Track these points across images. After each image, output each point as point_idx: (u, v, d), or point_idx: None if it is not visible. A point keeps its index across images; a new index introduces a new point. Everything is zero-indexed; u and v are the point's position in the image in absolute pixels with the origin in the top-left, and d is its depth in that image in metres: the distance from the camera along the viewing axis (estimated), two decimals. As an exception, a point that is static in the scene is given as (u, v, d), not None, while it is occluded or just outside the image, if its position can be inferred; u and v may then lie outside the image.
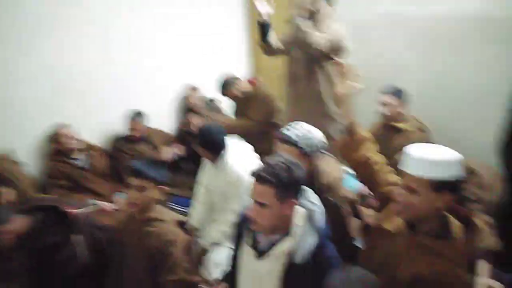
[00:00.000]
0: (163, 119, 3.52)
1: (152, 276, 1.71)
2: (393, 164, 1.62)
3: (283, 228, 1.34)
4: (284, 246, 1.33)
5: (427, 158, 1.27)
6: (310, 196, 1.44)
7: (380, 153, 1.69)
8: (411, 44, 3.23)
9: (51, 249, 1.80)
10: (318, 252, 1.32)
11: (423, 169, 1.27)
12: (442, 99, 3.08)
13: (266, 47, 2.76)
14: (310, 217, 1.37)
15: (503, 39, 2.67)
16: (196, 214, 2.44)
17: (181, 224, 1.84)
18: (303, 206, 1.39)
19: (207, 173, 2.40)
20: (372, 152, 1.66)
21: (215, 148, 2.23)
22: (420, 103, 2.85)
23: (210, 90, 3.53)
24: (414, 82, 3.04)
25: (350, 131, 1.67)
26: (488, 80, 2.75)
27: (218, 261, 2.17)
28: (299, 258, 1.31)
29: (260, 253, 1.37)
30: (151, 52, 3.40)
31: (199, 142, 2.28)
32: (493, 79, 2.71)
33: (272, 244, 1.35)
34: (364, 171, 1.65)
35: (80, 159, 2.87)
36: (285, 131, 1.70)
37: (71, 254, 1.80)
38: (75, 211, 1.89)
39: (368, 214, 2.04)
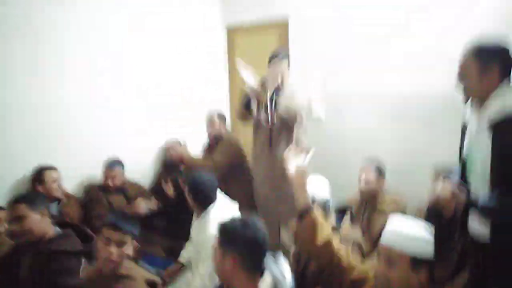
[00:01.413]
0: (140, 170, 3.50)
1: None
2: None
3: None
4: None
5: (411, 234, 1.31)
6: (284, 267, 1.47)
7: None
8: (383, 119, 3.45)
9: (67, 256, 1.88)
10: None
11: (406, 245, 1.30)
12: (415, 170, 3.22)
13: (244, 115, 3.01)
14: (276, 287, 1.39)
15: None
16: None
17: (150, 283, 1.79)
18: (271, 273, 1.42)
19: (194, 224, 2.40)
20: (332, 237, 1.51)
21: (203, 200, 2.24)
22: (395, 174, 2.99)
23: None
24: (388, 154, 3.21)
25: (303, 215, 1.52)
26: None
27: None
28: None
29: None
30: (133, 100, 3.46)
31: (189, 190, 2.29)
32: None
33: None
34: (331, 259, 1.48)
35: (52, 206, 2.77)
36: None
37: (77, 269, 1.87)
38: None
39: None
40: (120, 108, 3.36)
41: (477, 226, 1.59)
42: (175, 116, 3.82)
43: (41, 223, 1.92)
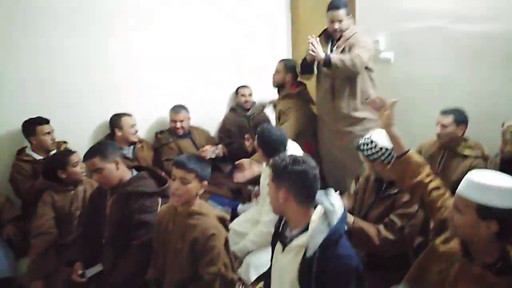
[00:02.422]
0: (204, 118, 3.60)
1: (193, 266, 1.79)
2: (451, 187, 1.62)
3: (301, 222, 1.49)
4: (299, 240, 1.47)
5: (479, 181, 1.26)
6: (333, 198, 1.53)
7: (436, 174, 1.68)
8: (458, 60, 3.18)
9: (143, 196, 2.05)
10: (328, 249, 1.40)
11: (470, 191, 1.27)
12: (491, 115, 2.99)
13: (306, 77, 3.12)
14: (325, 215, 1.46)
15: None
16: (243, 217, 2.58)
17: (222, 220, 1.90)
18: (322, 205, 1.49)
19: (263, 173, 2.48)
20: (430, 177, 1.63)
21: (272, 152, 2.27)
22: (471, 118, 2.79)
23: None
24: (461, 98, 3.00)
25: (405, 159, 1.66)
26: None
27: (258, 264, 2.27)
28: (309, 252, 1.41)
29: (284, 247, 1.53)
30: (199, 53, 3.50)
31: (258, 142, 2.36)
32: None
33: (293, 237, 1.50)
34: (422, 197, 1.63)
35: (128, 150, 3.01)
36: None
37: (154, 208, 2.04)
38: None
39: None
40: (186, 60, 3.42)
41: None
42: (236, 76, 3.79)
43: (117, 170, 2.09)
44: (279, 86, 3.34)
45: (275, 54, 3.92)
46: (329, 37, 3.04)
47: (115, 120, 2.96)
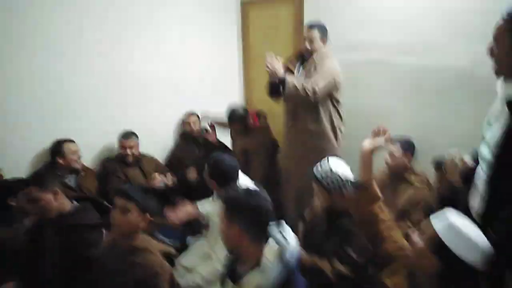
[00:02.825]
0: (155, 145, 3.54)
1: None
2: (397, 213, 1.64)
3: (252, 258, 1.46)
4: (253, 278, 1.43)
5: (453, 221, 1.28)
6: (285, 231, 1.49)
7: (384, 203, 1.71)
8: (398, 91, 3.36)
9: (85, 229, 1.95)
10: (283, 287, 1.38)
11: (439, 224, 1.30)
12: (431, 144, 3.16)
13: (275, 98, 2.98)
14: (280, 252, 1.43)
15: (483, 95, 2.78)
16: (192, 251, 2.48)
17: (166, 256, 1.85)
18: (274, 239, 1.46)
19: (212, 205, 2.40)
20: (381, 210, 1.65)
21: (226, 182, 2.22)
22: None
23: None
24: (401, 128, 3.13)
25: (364, 187, 1.65)
26: (469, 132, 2.84)
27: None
28: None
29: (234, 281, 1.49)
30: (148, 77, 3.46)
31: (211, 173, 2.28)
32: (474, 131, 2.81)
33: (244, 274, 1.46)
34: (370, 227, 1.64)
35: (70, 178, 2.86)
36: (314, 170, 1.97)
37: (98, 241, 1.95)
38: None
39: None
40: (135, 83, 3.37)
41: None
42: (189, 91, 3.82)
43: (55, 201, 1.97)
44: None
45: (227, 81, 3.99)
46: (301, 57, 3.02)
47: (57, 147, 2.81)
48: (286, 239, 1.46)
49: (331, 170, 1.93)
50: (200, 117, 3.68)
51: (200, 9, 3.85)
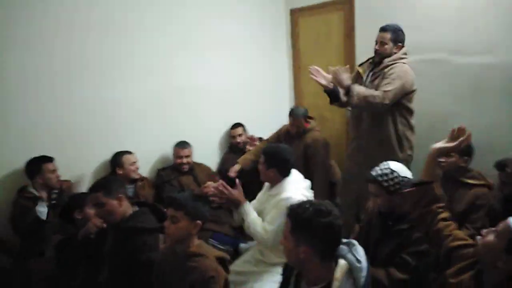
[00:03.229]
0: (206, 154, 3.62)
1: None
2: (457, 216, 1.59)
3: (320, 278, 1.37)
4: None
5: None
6: (359, 253, 1.41)
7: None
8: (458, 92, 3.22)
9: (144, 232, 2.01)
10: None
11: None
12: (492, 147, 2.98)
13: (339, 105, 2.86)
14: (350, 273, 1.35)
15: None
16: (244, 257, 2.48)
17: (222, 261, 1.85)
18: (346, 259, 1.38)
19: (262, 195, 2.40)
20: (441, 209, 1.61)
21: (285, 169, 2.24)
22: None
23: (254, 129, 3.71)
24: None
25: (424, 187, 1.62)
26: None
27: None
28: None
29: None
30: (199, 88, 3.56)
31: (270, 162, 2.26)
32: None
33: None
34: (429, 225, 1.59)
35: (129, 189, 2.98)
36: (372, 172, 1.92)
37: (155, 244, 2.01)
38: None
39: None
40: (187, 95, 3.48)
41: None
42: (238, 101, 3.88)
43: (119, 206, 2.05)
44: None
45: (277, 90, 4.01)
46: (374, 61, 2.89)
47: (116, 158, 2.97)
48: (358, 259, 1.38)
49: (391, 170, 1.88)
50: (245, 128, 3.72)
51: (249, 18, 3.93)
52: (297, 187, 2.26)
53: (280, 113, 3.93)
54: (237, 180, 2.33)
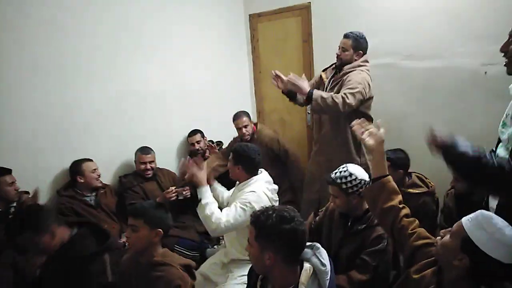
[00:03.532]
0: (167, 161, 3.58)
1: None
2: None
3: (285, 283, 1.41)
4: None
5: (480, 219, 1.28)
6: (322, 255, 1.45)
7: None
8: (410, 94, 3.39)
9: (85, 260, 1.86)
10: None
11: (467, 222, 1.30)
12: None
13: (298, 104, 3.02)
14: (315, 275, 1.39)
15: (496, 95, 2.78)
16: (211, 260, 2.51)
17: (187, 268, 1.85)
18: (311, 263, 1.42)
19: (233, 193, 2.45)
20: (401, 205, 1.63)
21: (251, 166, 2.32)
22: (426, 150, 2.91)
23: (215, 134, 3.75)
24: (415, 130, 3.16)
25: (382, 182, 1.65)
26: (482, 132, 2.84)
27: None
28: None
29: None
30: (159, 93, 3.53)
31: (237, 159, 2.34)
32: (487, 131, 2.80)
33: None
34: (393, 223, 1.61)
35: (90, 196, 2.92)
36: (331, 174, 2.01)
37: (101, 269, 1.92)
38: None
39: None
40: (147, 99, 3.44)
41: None
42: (200, 105, 3.88)
43: (52, 238, 1.89)
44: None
45: (238, 94, 4.05)
46: (336, 67, 2.99)
47: (76, 167, 2.88)
48: (323, 262, 1.41)
49: (349, 173, 1.97)
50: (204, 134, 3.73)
51: (209, 23, 3.94)
52: (262, 185, 2.33)
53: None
54: (204, 163, 2.34)
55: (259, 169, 2.41)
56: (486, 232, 1.25)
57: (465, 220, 1.32)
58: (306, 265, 1.41)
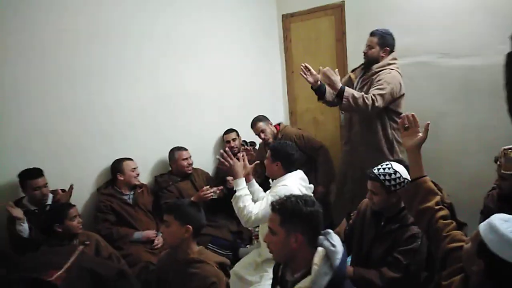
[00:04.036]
0: (200, 161, 3.61)
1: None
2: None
3: (303, 265, 1.47)
4: (303, 284, 1.44)
5: (494, 223, 1.26)
6: (333, 238, 1.50)
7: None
8: (447, 93, 3.31)
9: None
10: None
11: (482, 226, 1.28)
12: (482, 146, 3.07)
13: (325, 103, 2.99)
14: (327, 257, 1.44)
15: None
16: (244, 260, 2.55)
17: (222, 266, 1.89)
18: (323, 247, 1.47)
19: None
20: (439, 206, 1.61)
21: (289, 163, 2.36)
22: (462, 150, 2.86)
23: (248, 134, 3.78)
24: (452, 129, 3.15)
25: (419, 183, 1.64)
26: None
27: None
28: None
29: None
30: (192, 94, 3.59)
31: (276, 156, 2.38)
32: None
33: (295, 282, 1.47)
34: (428, 224, 1.59)
35: (128, 195, 3.02)
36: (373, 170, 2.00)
37: None
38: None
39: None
40: (182, 100, 3.51)
41: None
42: (233, 106, 3.93)
43: None
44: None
45: (271, 94, 4.06)
46: (365, 66, 2.97)
47: (117, 165, 2.99)
48: (333, 244, 1.47)
49: (394, 170, 1.95)
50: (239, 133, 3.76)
51: (241, 23, 3.98)
52: (297, 181, 2.35)
53: (274, 118, 3.98)
54: (241, 154, 2.46)
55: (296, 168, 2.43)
56: (497, 234, 1.22)
57: (482, 224, 1.30)
58: (319, 249, 1.48)
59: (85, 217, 2.75)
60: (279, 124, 3.71)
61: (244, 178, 2.35)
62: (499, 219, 1.27)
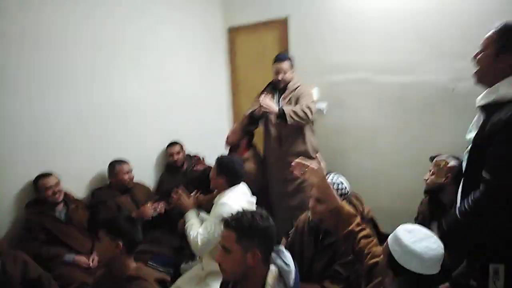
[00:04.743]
0: (143, 174, 3.50)
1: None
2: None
3: (256, 284, 1.43)
4: None
5: (398, 234, 1.34)
6: (286, 257, 1.49)
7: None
8: (382, 109, 3.47)
9: None
10: None
11: (390, 239, 1.35)
12: (417, 159, 3.22)
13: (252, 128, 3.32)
14: (281, 277, 1.43)
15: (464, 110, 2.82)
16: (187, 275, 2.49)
17: (161, 282, 1.84)
18: (276, 265, 1.45)
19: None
20: (360, 227, 1.68)
21: (233, 179, 2.34)
22: (397, 163, 3.01)
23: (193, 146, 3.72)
24: (387, 143, 3.33)
25: (337, 210, 1.69)
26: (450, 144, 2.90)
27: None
28: None
29: None
30: (135, 104, 3.47)
31: (220, 170, 2.34)
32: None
33: None
34: (353, 245, 1.67)
35: (60, 212, 2.80)
36: None
37: None
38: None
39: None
40: (123, 110, 3.38)
41: None
42: (177, 118, 3.86)
43: None
44: (232, 146, 3.42)
45: (216, 106, 4.02)
46: (275, 88, 3.24)
47: (35, 183, 2.72)
48: (286, 263, 1.45)
49: (341, 181, 2.06)
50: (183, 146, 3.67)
51: (188, 35, 3.95)
52: (238, 197, 2.32)
53: (219, 129, 3.96)
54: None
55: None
56: (401, 246, 1.30)
57: (390, 235, 1.38)
58: (272, 267, 1.44)
59: (11, 236, 2.55)
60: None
61: (193, 209, 2.40)
62: (403, 230, 1.34)
